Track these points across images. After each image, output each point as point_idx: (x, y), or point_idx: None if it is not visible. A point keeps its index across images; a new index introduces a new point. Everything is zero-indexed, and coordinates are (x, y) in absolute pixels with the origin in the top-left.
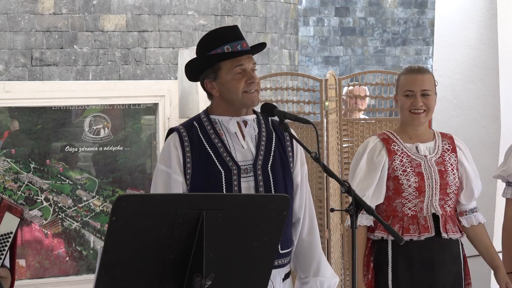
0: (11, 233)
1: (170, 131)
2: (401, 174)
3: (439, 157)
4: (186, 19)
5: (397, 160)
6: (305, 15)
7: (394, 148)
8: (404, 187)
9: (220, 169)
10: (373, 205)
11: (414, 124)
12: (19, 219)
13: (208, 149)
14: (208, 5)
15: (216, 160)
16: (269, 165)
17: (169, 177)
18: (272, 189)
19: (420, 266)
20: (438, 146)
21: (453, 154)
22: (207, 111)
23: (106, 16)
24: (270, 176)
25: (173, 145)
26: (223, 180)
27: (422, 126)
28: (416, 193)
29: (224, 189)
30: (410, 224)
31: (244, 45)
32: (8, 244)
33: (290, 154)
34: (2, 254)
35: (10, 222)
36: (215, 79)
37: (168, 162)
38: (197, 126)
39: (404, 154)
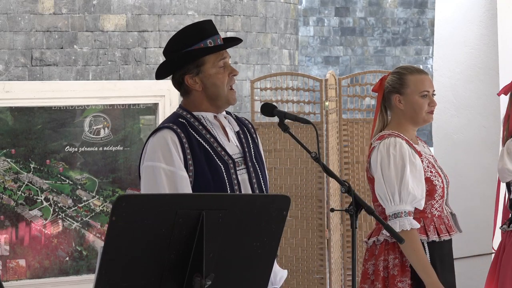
0: None
1: (160, 128)
2: (431, 175)
3: (433, 157)
4: (186, 19)
5: (424, 161)
6: (305, 15)
7: (417, 149)
8: (437, 188)
9: (219, 164)
10: (423, 206)
11: (425, 124)
12: None
13: (205, 145)
14: (208, 5)
15: (214, 156)
16: (254, 158)
17: (174, 175)
18: (261, 181)
19: (449, 266)
20: (425, 147)
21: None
22: (186, 109)
23: (106, 16)
24: (257, 168)
25: (171, 142)
26: (224, 175)
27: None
28: (442, 193)
29: (227, 184)
30: (440, 224)
31: (221, 39)
32: None
33: (259, 148)
34: None
35: None
36: (198, 74)
37: (169, 160)
38: (186, 123)
39: (424, 155)
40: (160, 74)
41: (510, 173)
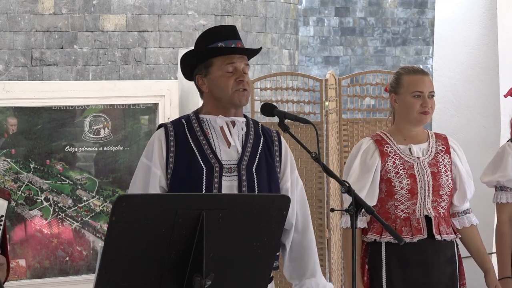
0: (2, 216)
1: (159, 126)
2: (393, 176)
3: (432, 159)
4: (186, 19)
5: (389, 162)
6: (305, 15)
7: (387, 150)
8: (396, 189)
9: (202, 165)
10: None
11: (419, 125)
12: (7, 202)
13: (193, 145)
14: (208, 5)
15: (199, 157)
16: (254, 167)
17: (149, 169)
18: (255, 190)
19: (414, 268)
20: (431, 147)
21: (447, 155)
22: (197, 111)
23: (106, 16)
24: (255, 177)
25: (157, 139)
26: (203, 177)
27: (421, 127)
28: (408, 195)
29: (204, 186)
30: (403, 226)
31: (239, 44)
32: (1, 227)
33: (278, 159)
34: None
35: None
36: (206, 75)
37: (150, 155)
38: (185, 123)
39: (397, 156)
40: (184, 74)
41: (484, 182)
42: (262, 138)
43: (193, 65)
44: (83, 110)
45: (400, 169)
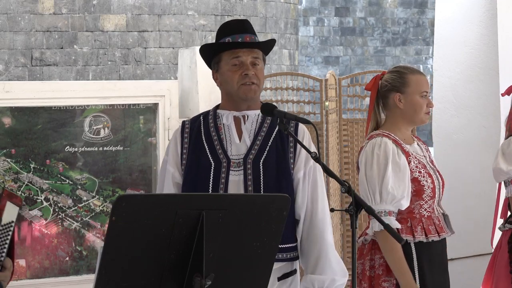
0: (13, 222)
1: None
2: (419, 176)
3: (429, 158)
4: (186, 19)
5: (411, 161)
6: (305, 15)
7: (406, 149)
8: (425, 188)
9: (211, 161)
10: (406, 207)
11: (421, 124)
12: (18, 208)
13: (204, 141)
14: (208, 5)
15: (208, 153)
16: (262, 160)
17: (165, 165)
18: (261, 184)
19: (439, 266)
20: (421, 147)
21: (430, 154)
22: (217, 106)
23: (106, 16)
24: (261, 170)
25: (174, 137)
26: (211, 173)
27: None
28: (431, 194)
29: (211, 181)
30: (429, 225)
31: (247, 38)
32: (11, 233)
33: (292, 150)
34: (6, 244)
35: (11, 211)
36: (218, 70)
37: (167, 153)
38: (202, 120)
39: (413, 155)
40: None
41: (503, 173)
42: (276, 129)
43: (210, 60)
44: (83, 110)
45: (421, 168)
